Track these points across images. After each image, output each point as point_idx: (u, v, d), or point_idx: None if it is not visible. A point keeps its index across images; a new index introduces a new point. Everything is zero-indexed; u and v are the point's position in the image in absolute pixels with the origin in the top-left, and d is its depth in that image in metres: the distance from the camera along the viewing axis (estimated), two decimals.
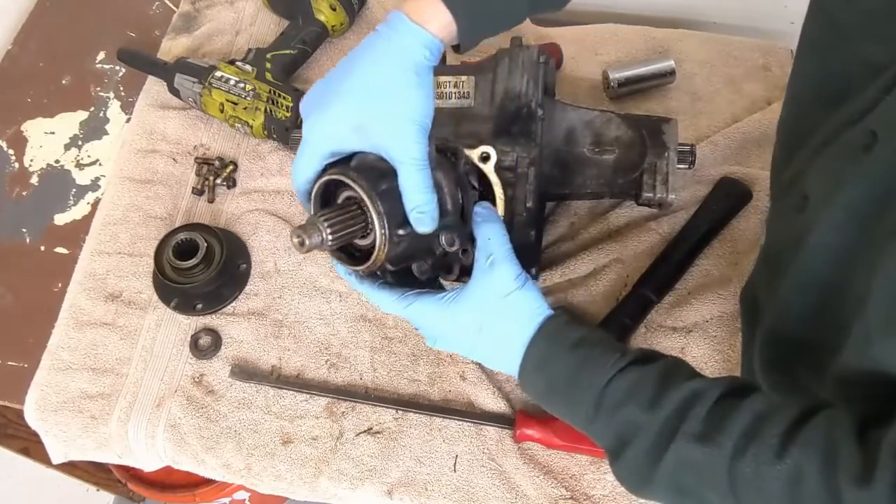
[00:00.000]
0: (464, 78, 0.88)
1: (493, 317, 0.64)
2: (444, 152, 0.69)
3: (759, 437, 0.53)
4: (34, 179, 1.07)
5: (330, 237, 0.62)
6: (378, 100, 0.61)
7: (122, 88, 1.13)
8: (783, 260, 0.69)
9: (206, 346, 0.92)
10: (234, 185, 1.03)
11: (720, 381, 0.58)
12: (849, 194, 0.58)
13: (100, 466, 1.42)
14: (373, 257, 0.64)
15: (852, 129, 0.61)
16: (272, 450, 0.87)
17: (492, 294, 0.64)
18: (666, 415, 0.56)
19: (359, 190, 0.62)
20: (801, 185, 0.69)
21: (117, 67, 1.15)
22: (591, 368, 0.60)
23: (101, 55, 1.16)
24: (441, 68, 1.01)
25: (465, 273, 0.67)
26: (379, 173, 0.62)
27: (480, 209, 0.67)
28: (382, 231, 0.62)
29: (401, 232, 0.63)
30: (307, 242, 0.61)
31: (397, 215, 0.63)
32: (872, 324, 0.53)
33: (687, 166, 0.94)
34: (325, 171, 0.65)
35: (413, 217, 0.63)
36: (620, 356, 0.60)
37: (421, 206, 0.62)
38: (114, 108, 1.12)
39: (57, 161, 1.08)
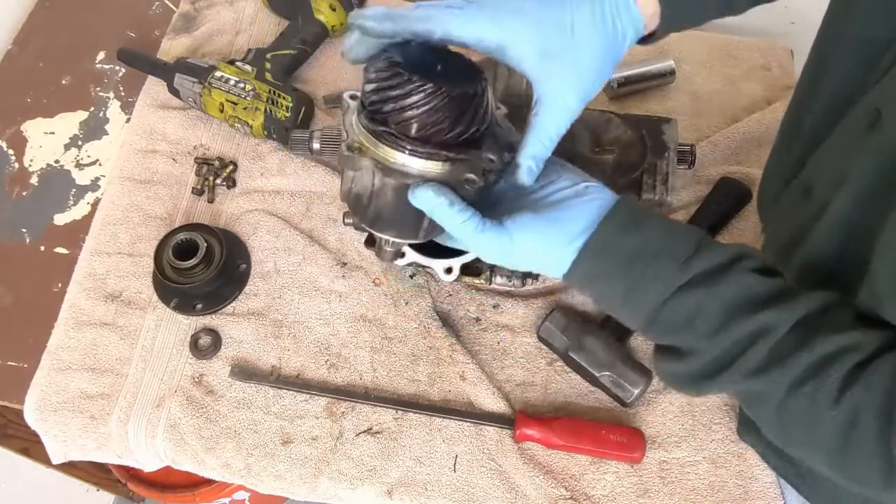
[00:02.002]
0: None
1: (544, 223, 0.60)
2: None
3: (819, 377, 0.52)
4: (34, 179, 1.07)
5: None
6: (580, 40, 0.58)
7: (121, 88, 1.13)
8: (788, 252, 0.69)
9: (205, 346, 0.92)
10: (234, 185, 1.03)
11: (797, 305, 0.54)
12: (857, 173, 0.57)
13: (100, 466, 1.42)
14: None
15: (853, 112, 0.62)
16: (272, 450, 0.87)
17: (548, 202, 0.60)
18: (724, 347, 0.55)
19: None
20: (802, 178, 0.69)
21: (117, 67, 1.15)
22: (644, 287, 0.57)
23: (101, 55, 1.16)
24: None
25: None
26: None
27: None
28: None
29: (492, 156, 0.59)
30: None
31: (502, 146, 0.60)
32: (881, 290, 0.53)
33: (687, 166, 0.94)
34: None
35: (525, 164, 0.59)
36: (681, 267, 0.56)
37: (540, 155, 0.60)
38: (114, 108, 1.12)
39: (57, 161, 1.08)
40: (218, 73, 1.02)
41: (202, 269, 0.91)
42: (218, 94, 1.01)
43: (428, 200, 0.57)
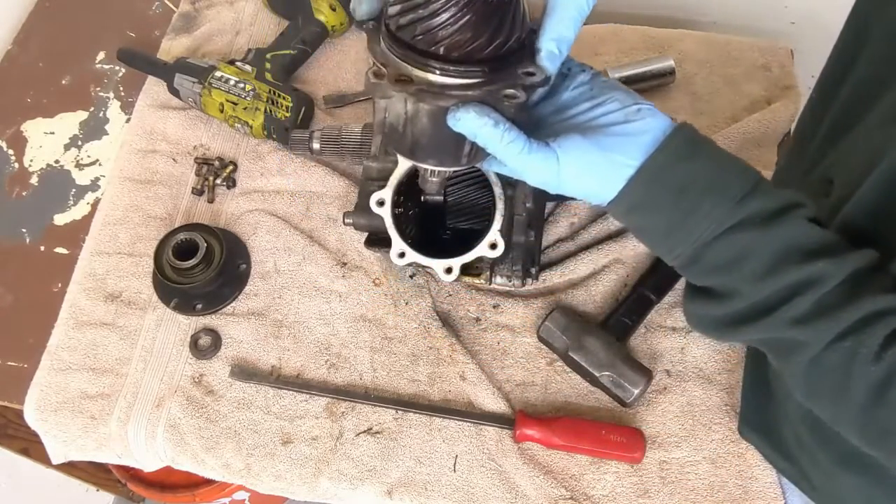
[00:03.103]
0: None
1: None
2: None
3: (863, 333, 0.52)
4: (34, 179, 1.07)
5: None
6: None
7: (121, 88, 1.14)
8: None
9: (205, 346, 0.92)
10: (234, 185, 1.03)
11: (848, 260, 0.53)
12: (889, 159, 0.57)
13: (100, 466, 1.42)
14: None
15: (879, 105, 0.62)
16: (272, 450, 0.87)
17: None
18: (768, 294, 0.54)
19: None
20: (820, 172, 0.69)
21: (117, 67, 1.15)
22: (693, 222, 0.55)
23: (101, 55, 1.16)
24: None
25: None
26: None
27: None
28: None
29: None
30: None
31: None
32: None
33: None
34: None
35: (546, 48, 0.55)
36: (735, 206, 0.54)
37: (563, 37, 0.55)
38: (114, 108, 1.12)
39: (57, 161, 1.08)
40: (218, 73, 1.02)
41: (202, 269, 0.91)
42: (218, 94, 1.01)
43: (470, 123, 0.54)
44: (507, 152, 0.56)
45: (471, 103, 0.54)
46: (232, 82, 1.01)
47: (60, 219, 1.04)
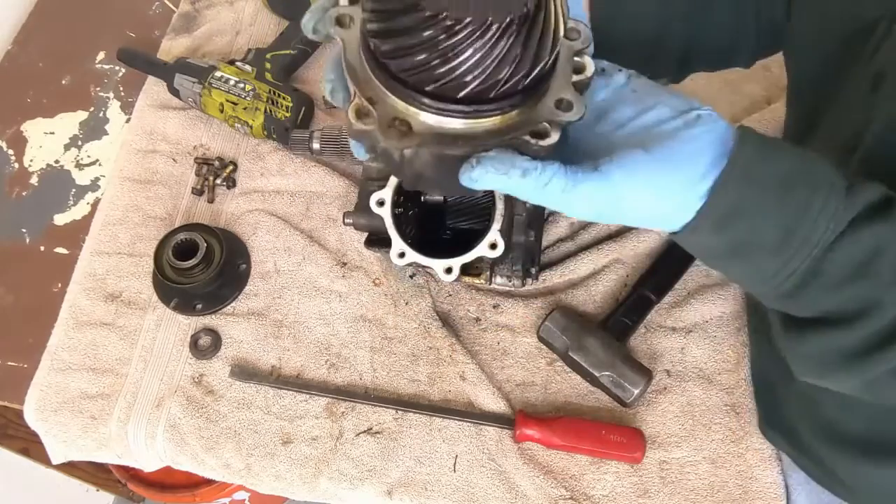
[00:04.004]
0: None
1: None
2: None
3: None
4: (34, 179, 1.07)
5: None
6: None
7: (121, 88, 1.13)
8: None
9: (205, 346, 0.92)
10: (234, 185, 1.03)
11: None
12: (875, 126, 0.53)
13: (100, 467, 1.42)
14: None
15: (854, 81, 0.59)
16: (272, 450, 0.87)
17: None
18: None
19: None
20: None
21: (117, 67, 1.15)
22: (810, 221, 0.45)
23: (101, 55, 1.16)
24: None
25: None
26: None
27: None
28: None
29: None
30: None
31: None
32: None
33: None
34: None
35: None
36: (848, 196, 0.45)
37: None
38: (114, 109, 1.12)
39: (57, 161, 1.08)
40: (218, 73, 1.02)
41: (202, 269, 0.91)
42: (218, 94, 1.01)
43: (490, 181, 0.44)
44: (547, 196, 0.46)
45: (486, 158, 0.44)
46: (232, 82, 1.01)
47: (60, 219, 1.04)
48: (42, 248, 1.02)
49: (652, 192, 0.46)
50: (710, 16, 0.66)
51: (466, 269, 0.84)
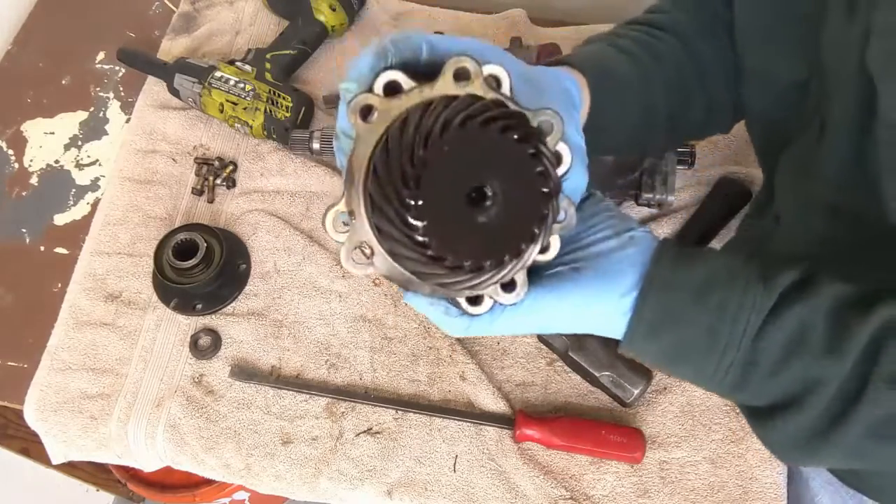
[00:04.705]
0: None
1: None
2: None
3: None
4: (34, 180, 1.07)
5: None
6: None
7: (121, 88, 1.13)
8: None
9: (205, 346, 0.92)
10: (234, 185, 1.03)
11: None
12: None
13: (100, 467, 1.42)
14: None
15: (806, 133, 0.61)
16: (272, 450, 0.87)
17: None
18: (852, 360, 0.46)
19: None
20: (810, 112, 0.65)
21: (117, 67, 1.15)
22: (732, 317, 0.48)
23: (101, 55, 1.16)
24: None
25: None
26: None
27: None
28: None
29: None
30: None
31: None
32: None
33: (687, 166, 0.94)
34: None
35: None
36: (766, 287, 0.47)
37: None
38: (113, 109, 1.12)
39: (57, 161, 1.08)
40: (218, 74, 1.02)
41: (202, 269, 0.91)
42: (218, 94, 1.01)
43: (421, 310, 0.48)
44: (480, 326, 0.48)
45: (420, 296, 0.46)
46: (232, 82, 1.01)
47: (60, 219, 1.04)
48: (42, 248, 1.02)
49: (579, 310, 0.49)
50: (687, 104, 0.69)
51: None
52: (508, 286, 0.46)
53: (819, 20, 0.58)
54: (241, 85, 1.01)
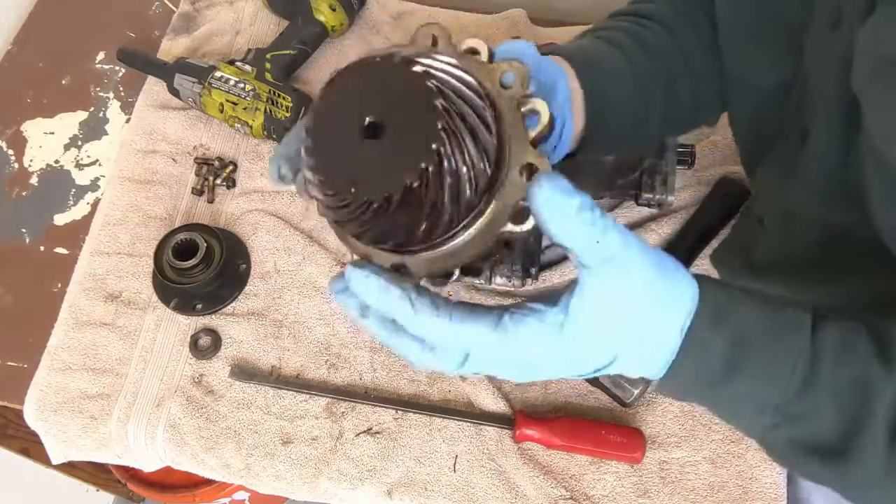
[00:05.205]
0: None
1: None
2: None
3: None
4: (34, 180, 1.07)
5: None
6: None
7: (121, 88, 1.13)
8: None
9: (205, 346, 0.92)
10: (234, 185, 1.03)
11: None
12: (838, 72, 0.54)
13: (100, 467, 1.42)
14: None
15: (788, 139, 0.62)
16: (272, 450, 0.87)
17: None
18: None
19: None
20: (792, 119, 0.64)
21: (117, 67, 1.15)
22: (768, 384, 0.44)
23: (101, 55, 1.16)
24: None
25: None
26: None
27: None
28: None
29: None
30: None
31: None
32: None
33: (687, 166, 0.94)
34: None
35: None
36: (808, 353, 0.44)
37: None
38: (113, 109, 1.12)
39: (57, 161, 1.08)
40: (218, 74, 1.02)
41: (202, 269, 0.91)
42: (218, 94, 1.01)
43: (359, 286, 0.43)
44: (461, 334, 0.43)
45: (357, 266, 0.43)
46: (232, 82, 1.01)
47: (60, 219, 1.04)
48: (42, 248, 1.02)
49: (621, 326, 0.43)
50: (676, 93, 0.69)
51: (466, 270, 0.84)
52: (525, 171, 0.40)
53: (802, 28, 0.58)
54: (241, 85, 1.01)
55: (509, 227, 0.41)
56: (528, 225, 0.41)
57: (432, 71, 0.39)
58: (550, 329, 0.42)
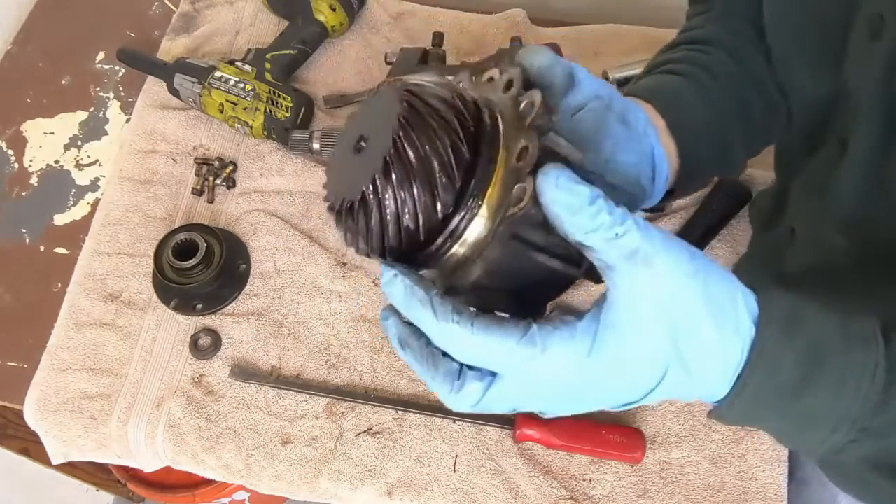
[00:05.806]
0: None
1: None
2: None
3: None
4: (34, 180, 1.07)
5: None
6: None
7: (121, 89, 1.13)
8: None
9: (205, 346, 0.92)
10: (234, 185, 1.03)
11: None
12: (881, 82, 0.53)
13: (100, 467, 1.42)
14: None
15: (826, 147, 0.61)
16: (272, 450, 0.87)
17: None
18: None
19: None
20: (832, 128, 0.63)
21: (117, 67, 1.15)
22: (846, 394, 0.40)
23: (101, 55, 1.16)
24: (440, 68, 1.01)
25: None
26: None
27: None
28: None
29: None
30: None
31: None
32: None
33: None
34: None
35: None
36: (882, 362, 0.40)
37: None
38: (113, 109, 1.12)
39: (56, 161, 1.08)
40: (218, 74, 1.02)
41: (202, 270, 0.91)
42: (218, 94, 1.01)
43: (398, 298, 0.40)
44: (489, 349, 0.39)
45: (396, 274, 0.41)
46: (232, 82, 1.01)
47: (60, 219, 1.04)
48: (42, 248, 1.02)
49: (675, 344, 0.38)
50: (750, 111, 0.68)
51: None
52: (522, 155, 0.39)
53: (845, 35, 0.57)
54: (241, 85, 1.01)
55: (512, 210, 0.38)
56: (521, 205, 0.39)
57: (409, 87, 0.41)
58: (582, 338, 0.38)
